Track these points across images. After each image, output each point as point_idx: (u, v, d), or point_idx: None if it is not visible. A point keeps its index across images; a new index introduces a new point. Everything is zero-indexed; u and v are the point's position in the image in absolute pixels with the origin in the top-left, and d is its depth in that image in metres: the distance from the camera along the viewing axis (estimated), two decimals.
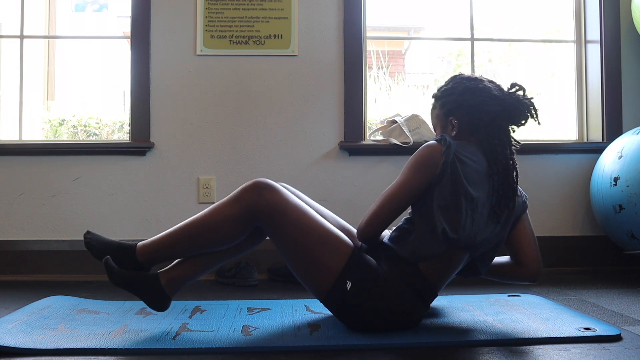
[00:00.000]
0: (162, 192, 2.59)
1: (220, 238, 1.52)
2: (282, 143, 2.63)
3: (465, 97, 1.58)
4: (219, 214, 1.50)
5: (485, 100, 1.56)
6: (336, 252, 1.49)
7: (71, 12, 5.22)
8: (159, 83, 2.61)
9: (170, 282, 1.54)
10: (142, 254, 1.53)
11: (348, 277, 1.47)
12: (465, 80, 1.62)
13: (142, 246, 1.54)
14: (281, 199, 1.49)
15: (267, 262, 2.45)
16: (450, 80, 1.66)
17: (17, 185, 2.56)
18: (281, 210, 1.48)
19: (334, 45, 2.66)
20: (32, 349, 1.37)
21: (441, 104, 1.63)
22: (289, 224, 1.48)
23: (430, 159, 1.48)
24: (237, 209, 1.49)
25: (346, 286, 1.46)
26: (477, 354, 1.37)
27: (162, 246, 1.53)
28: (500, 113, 1.56)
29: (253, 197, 1.48)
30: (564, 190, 2.70)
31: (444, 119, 1.62)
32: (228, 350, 1.39)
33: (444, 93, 1.63)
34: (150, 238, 1.57)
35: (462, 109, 1.58)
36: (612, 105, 2.71)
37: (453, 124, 1.60)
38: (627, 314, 1.76)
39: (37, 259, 2.52)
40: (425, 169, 1.48)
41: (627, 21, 2.73)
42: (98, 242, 1.55)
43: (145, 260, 1.54)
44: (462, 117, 1.58)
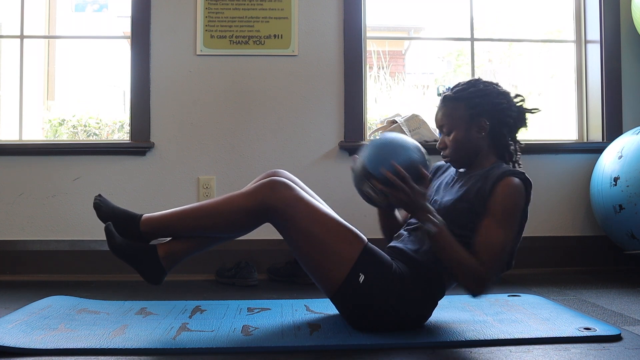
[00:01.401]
0: (162, 192, 2.59)
1: (227, 226, 1.55)
2: (282, 143, 2.63)
3: (500, 100, 1.59)
4: (233, 204, 1.52)
5: (510, 106, 1.60)
6: (350, 243, 1.50)
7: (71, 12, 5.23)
8: (159, 83, 2.61)
9: (168, 256, 1.55)
10: (146, 225, 1.55)
11: (361, 269, 1.48)
12: (494, 84, 1.63)
13: (147, 218, 1.56)
14: (295, 195, 1.51)
15: (267, 262, 2.45)
16: (473, 82, 1.63)
17: (17, 185, 2.56)
18: (294, 205, 1.50)
19: (334, 45, 2.66)
20: (32, 349, 1.37)
21: (468, 104, 1.59)
22: (302, 218, 1.49)
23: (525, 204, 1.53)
24: (251, 203, 1.51)
25: (359, 279, 1.47)
26: (477, 354, 1.37)
27: (168, 223, 1.56)
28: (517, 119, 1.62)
29: (269, 192, 1.50)
30: (564, 190, 2.70)
31: (470, 120, 1.58)
32: (228, 350, 1.39)
33: (475, 94, 1.59)
34: (157, 212, 1.58)
35: (494, 112, 1.58)
36: (612, 105, 2.71)
37: (483, 125, 1.58)
38: (627, 314, 1.76)
39: (37, 259, 2.52)
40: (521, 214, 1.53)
41: (627, 21, 2.72)
42: (107, 206, 1.58)
43: (148, 232, 1.56)
44: (492, 119, 1.59)
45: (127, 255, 1.53)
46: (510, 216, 1.48)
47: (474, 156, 1.60)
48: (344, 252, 1.49)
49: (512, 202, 1.48)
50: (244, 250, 2.44)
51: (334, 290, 1.51)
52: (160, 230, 1.56)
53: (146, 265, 1.53)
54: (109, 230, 1.52)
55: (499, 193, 1.47)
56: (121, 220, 1.56)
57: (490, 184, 1.49)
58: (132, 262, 1.53)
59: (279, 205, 1.49)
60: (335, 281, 1.50)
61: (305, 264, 1.55)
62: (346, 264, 1.48)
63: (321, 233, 1.50)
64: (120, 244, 1.52)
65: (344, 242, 1.50)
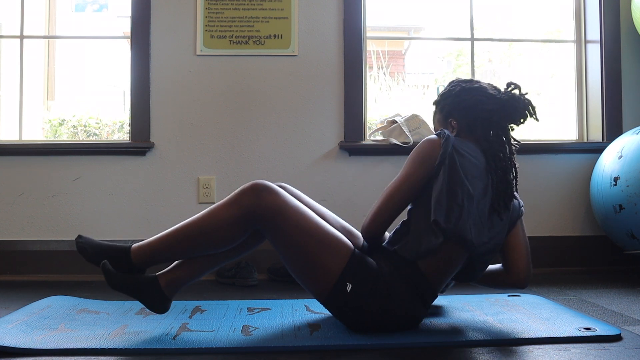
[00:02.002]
0: (162, 192, 2.59)
1: (217, 241, 1.50)
2: (282, 143, 2.63)
3: (461, 97, 1.62)
4: (216, 217, 1.48)
5: (481, 99, 1.60)
6: (336, 253, 1.48)
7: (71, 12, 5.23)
8: (159, 83, 2.61)
9: (170, 284, 1.53)
10: (137, 256, 1.51)
11: (348, 278, 1.46)
12: (462, 82, 1.67)
13: (137, 248, 1.52)
14: (280, 201, 1.48)
15: (267, 262, 2.45)
16: (448, 84, 1.71)
17: (17, 185, 2.56)
18: (280, 212, 1.47)
19: (334, 45, 2.66)
20: (32, 349, 1.37)
21: (440, 108, 1.69)
22: (289, 226, 1.47)
23: (430, 151, 1.50)
24: (235, 212, 1.47)
25: (346, 288, 1.46)
26: (477, 354, 1.37)
27: (158, 248, 1.51)
28: (497, 111, 1.58)
29: (252, 199, 1.46)
30: (564, 190, 2.70)
31: (444, 122, 1.67)
32: (228, 350, 1.39)
33: (442, 97, 1.69)
34: (145, 240, 1.54)
35: (459, 110, 1.62)
36: (612, 105, 2.71)
37: (452, 125, 1.64)
38: (627, 314, 1.76)
39: (37, 259, 2.52)
40: (425, 162, 1.50)
41: (627, 21, 2.73)
42: (91, 246, 1.53)
43: (141, 262, 1.52)
44: (461, 117, 1.62)
45: (129, 289, 1.50)
46: (406, 162, 1.53)
47: None
48: (330, 262, 1.47)
49: (413, 150, 1.54)
50: None
51: (323, 299, 1.51)
52: (153, 258, 1.52)
53: (150, 297, 1.51)
54: (106, 269, 1.48)
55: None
56: (111, 255, 1.51)
57: None
58: (135, 295, 1.51)
59: (264, 212, 1.46)
60: (323, 290, 1.49)
61: (293, 272, 1.53)
62: (332, 274, 1.46)
63: (307, 242, 1.47)
64: (120, 280, 1.49)
65: (331, 252, 1.48)
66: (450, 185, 1.47)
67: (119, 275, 1.50)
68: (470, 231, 1.48)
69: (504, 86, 1.63)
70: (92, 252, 1.52)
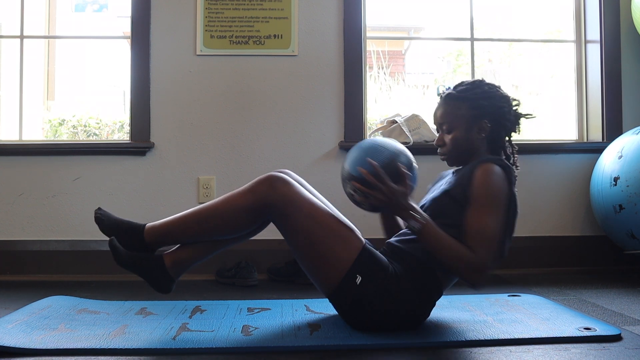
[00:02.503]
0: (162, 192, 2.59)
1: (230, 227, 1.54)
2: (282, 143, 2.63)
3: (502, 104, 1.60)
4: (232, 204, 1.52)
5: (510, 110, 1.62)
6: (348, 244, 1.50)
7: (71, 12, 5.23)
8: (159, 83, 2.61)
9: (175, 264, 1.56)
10: (150, 235, 1.55)
11: (359, 270, 1.47)
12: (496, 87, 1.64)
13: (150, 227, 1.56)
14: (294, 192, 1.50)
15: (267, 262, 2.45)
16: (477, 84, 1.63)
17: (17, 185, 2.56)
18: (293, 202, 1.49)
19: (334, 45, 2.66)
20: (32, 349, 1.37)
21: (471, 105, 1.59)
22: (301, 215, 1.49)
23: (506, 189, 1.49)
24: (250, 201, 1.50)
25: (356, 280, 1.47)
26: (477, 354, 1.37)
27: (171, 230, 1.55)
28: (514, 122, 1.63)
29: (267, 189, 1.49)
30: (564, 190, 2.70)
31: (472, 120, 1.58)
32: (228, 350, 1.39)
33: (477, 95, 1.59)
34: (159, 220, 1.57)
35: (496, 115, 1.59)
36: (612, 105, 2.71)
37: (484, 127, 1.58)
38: (627, 314, 1.76)
39: (37, 259, 2.52)
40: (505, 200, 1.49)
41: (627, 21, 2.72)
42: (108, 219, 1.57)
43: (152, 242, 1.55)
44: (493, 122, 1.59)
45: (135, 267, 1.53)
46: (495, 199, 1.47)
47: (470, 156, 1.60)
48: (342, 252, 1.49)
49: (494, 187, 1.47)
50: (244, 250, 2.44)
51: (331, 290, 1.51)
52: (164, 238, 1.56)
53: (154, 276, 1.54)
54: (114, 245, 1.52)
55: (478, 179, 1.47)
56: (124, 231, 1.55)
57: (469, 171, 1.51)
58: (140, 273, 1.54)
59: (278, 202, 1.49)
60: (332, 281, 1.49)
61: (303, 262, 1.54)
62: (344, 265, 1.48)
63: (320, 232, 1.49)
64: (126, 257, 1.52)
65: (343, 242, 1.50)
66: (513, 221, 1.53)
67: (125, 253, 1.53)
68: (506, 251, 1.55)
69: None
70: (107, 223, 1.56)
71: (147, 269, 1.54)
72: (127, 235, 1.55)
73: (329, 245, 1.49)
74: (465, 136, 1.58)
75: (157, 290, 1.57)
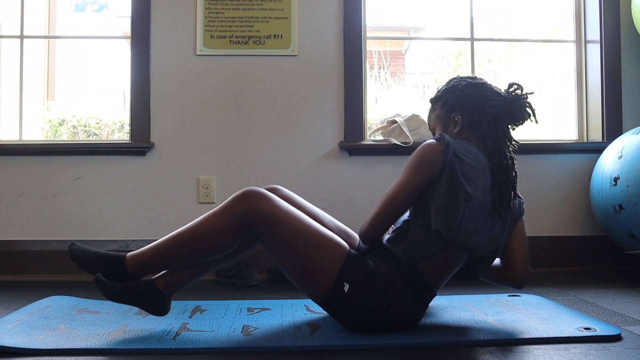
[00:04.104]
0: (162, 192, 2.59)
1: (210, 249, 1.50)
2: (282, 143, 2.63)
3: (468, 92, 1.58)
4: (209, 225, 1.48)
5: (488, 95, 1.58)
6: (331, 254, 1.48)
7: (71, 12, 5.22)
8: (159, 83, 2.61)
9: (166, 286, 1.54)
10: (132, 265, 1.51)
11: (345, 279, 1.46)
12: (466, 78, 1.64)
13: (131, 257, 1.52)
14: (272, 206, 1.47)
15: (267, 262, 2.45)
16: (449, 81, 1.67)
17: (17, 185, 2.56)
18: (273, 217, 1.46)
19: (334, 45, 2.66)
20: (32, 349, 1.37)
21: (442, 103, 1.64)
22: (283, 230, 1.47)
23: (430, 157, 1.47)
24: (228, 219, 1.47)
25: (344, 288, 1.46)
26: (477, 354, 1.37)
27: (152, 257, 1.51)
28: (502, 107, 1.57)
29: (245, 206, 1.46)
30: (564, 190, 2.70)
31: (445, 117, 1.62)
32: (228, 350, 1.39)
33: (445, 92, 1.64)
34: (139, 249, 1.54)
35: (465, 105, 1.58)
36: (612, 105, 2.71)
37: (456, 120, 1.59)
38: (627, 314, 1.76)
39: (37, 259, 2.52)
40: (424, 168, 1.47)
41: (627, 21, 2.73)
42: (85, 254, 1.52)
43: (135, 271, 1.51)
44: (466, 112, 1.58)
45: (128, 297, 1.50)
46: (406, 166, 1.51)
47: None
48: (326, 264, 1.47)
49: (412, 155, 1.51)
50: None
51: (322, 300, 1.51)
52: (147, 266, 1.51)
53: (149, 301, 1.52)
54: (101, 282, 1.47)
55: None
56: (105, 265, 1.50)
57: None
58: (134, 302, 1.51)
59: (257, 218, 1.46)
60: (321, 292, 1.49)
61: (290, 275, 1.53)
62: (329, 275, 1.46)
63: (302, 245, 1.47)
64: (116, 290, 1.49)
65: (326, 252, 1.48)
66: (451, 194, 1.45)
67: (114, 286, 1.49)
68: (471, 237, 1.48)
69: (506, 87, 1.62)
70: (85, 259, 1.51)
71: (140, 296, 1.51)
72: (109, 268, 1.50)
73: (312, 257, 1.47)
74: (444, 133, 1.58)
75: (154, 314, 1.55)
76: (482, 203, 1.50)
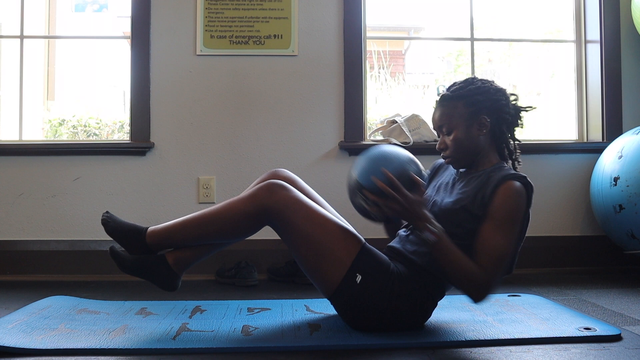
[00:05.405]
0: (162, 192, 2.59)
1: (230, 232, 1.56)
2: (282, 143, 2.63)
3: (497, 97, 1.57)
4: (233, 210, 1.53)
5: (507, 103, 1.59)
6: (346, 244, 1.51)
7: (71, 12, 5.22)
8: (159, 83, 2.61)
9: (177, 262, 1.58)
10: (152, 238, 1.57)
11: (359, 270, 1.48)
12: (490, 82, 1.61)
13: (152, 231, 1.59)
14: (291, 196, 1.52)
15: (267, 262, 2.45)
16: (470, 81, 1.60)
17: (17, 185, 2.56)
18: (290, 205, 1.50)
19: (334, 45, 2.66)
20: (32, 349, 1.37)
21: (467, 102, 1.55)
22: (299, 218, 1.50)
23: (526, 208, 1.50)
24: (250, 206, 1.52)
25: (356, 279, 1.48)
26: (477, 354, 1.37)
27: (173, 234, 1.57)
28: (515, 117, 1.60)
29: (267, 194, 1.51)
30: (564, 190, 2.70)
31: (470, 118, 1.55)
32: (228, 350, 1.39)
33: (471, 92, 1.56)
34: (161, 224, 1.60)
35: (493, 109, 1.56)
36: (612, 105, 2.71)
37: (484, 122, 1.55)
38: (627, 314, 1.76)
39: (37, 259, 2.52)
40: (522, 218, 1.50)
41: (627, 21, 2.72)
42: (114, 222, 1.61)
43: (154, 244, 1.58)
44: (492, 116, 1.56)
45: (139, 270, 1.56)
46: (512, 221, 1.46)
47: (475, 155, 1.57)
48: (341, 253, 1.49)
49: (513, 207, 1.46)
50: (244, 251, 2.44)
51: (332, 291, 1.52)
52: (166, 241, 1.58)
53: (158, 275, 1.56)
54: (114, 252, 1.56)
55: (500, 197, 1.45)
56: (127, 235, 1.58)
57: (491, 188, 1.47)
58: (144, 275, 1.56)
59: (276, 207, 1.50)
60: (332, 282, 1.50)
61: (303, 264, 1.55)
62: (343, 264, 1.49)
63: (318, 234, 1.50)
64: (129, 261, 1.56)
65: (341, 243, 1.51)
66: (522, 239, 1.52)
67: (127, 257, 1.56)
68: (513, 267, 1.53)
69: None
70: (113, 225, 1.60)
71: (151, 269, 1.56)
72: (130, 239, 1.58)
73: (327, 247, 1.50)
74: (466, 135, 1.54)
75: (163, 289, 1.59)
76: None
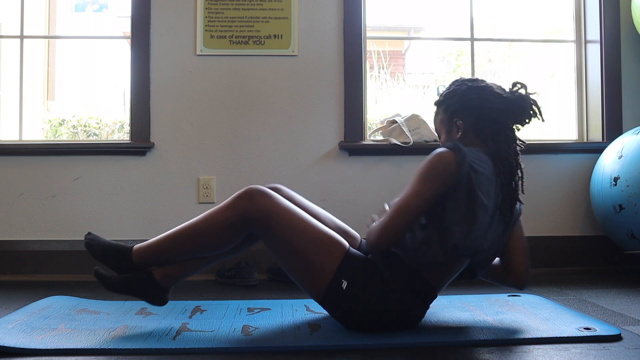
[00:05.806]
0: (162, 192, 2.59)
1: (213, 243, 1.55)
2: (282, 143, 2.63)
3: (469, 97, 1.56)
4: (212, 221, 1.53)
5: (489, 98, 1.55)
6: (330, 251, 1.49)
7: (71, 12, 5.22)
8: (159, 83, 2.61)
9: (164, 278, 1.58)
10: (137, 256, 1.57)
11: (343, 276, 1.47)
12: (467, 81, 1.61)
13: (137, 249, 1.58)
14: (273, 203, 1.50)
15: (267, 262, 2.45)
16: (451, 84, 1.65)
17: (17, 185, 2.56)
18: (272, 214, 1.49)
19: (334, 45, 2.66)
20: (32, 349, 1.37)
21: (444, 108, 1.61)
22: (282, 227, 1.49)
23: (444, 168, 1.43)
24: (230, 216, 1.51)
25: (342, 285, 1.47)
26: (477, 354, 1.37)
27: (157, 250, 1.57)
28: (505, 110, 1.55)
29: (246, 203, 1.50)
30: (564, 190, 2.70)
31: (448, 122, 1.60)
32: (228, 350, 1.39)
33: (447, 96, 1.62)
34: (146, 241, 1.60)
35: (466, 109, 1.56)
36: (612, 105, 2.71)
37: (458, 125, 1.57)
38: (627, 314, 1.76)
39: (37, 259, 2.52)
40: (439, 179, 1.43)
41: (627, 21, 2.73)
42: (97, 244, 1.59)
43: (141, 263, 1.57)
44: (467, 117, 1.56)
45: (125, 288, 1.57)
46: (419, 175, 1.45)
47: None
48: (324, 260, 1.48)
49: (424, 164, 1.46)
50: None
51: (320, 297, 1.52)
52: (152, 257, 1.57)
53: (146, 290, 1.57)
54: (99, 275, 1.56)
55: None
56: (113, 255, 1.57)
57: None
58: (132, 292, 1.57)
59: (257, 215, 1.49)
60: (319, 289, 1.50)
61: (290, 272, 1.55)
62: (328, 272, 1.48)
63: (301, 242, 1.49)
64: (115, 281, 1.56)
65: (325, 250, 1.49)
66: (469, 207, 1.43)
67: (113, 278, 1.57)
68: (482, 245, 1.47)
69: (510, 86, 1.60)
70: (96, 247, 1.58)
71: (137, 286, 1.56)
72: (116, 258, 1.57)
73: (310, 254, 1.49)
74: (449, 139, 1.58)
75: (152, 304, 1.60)
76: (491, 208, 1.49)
